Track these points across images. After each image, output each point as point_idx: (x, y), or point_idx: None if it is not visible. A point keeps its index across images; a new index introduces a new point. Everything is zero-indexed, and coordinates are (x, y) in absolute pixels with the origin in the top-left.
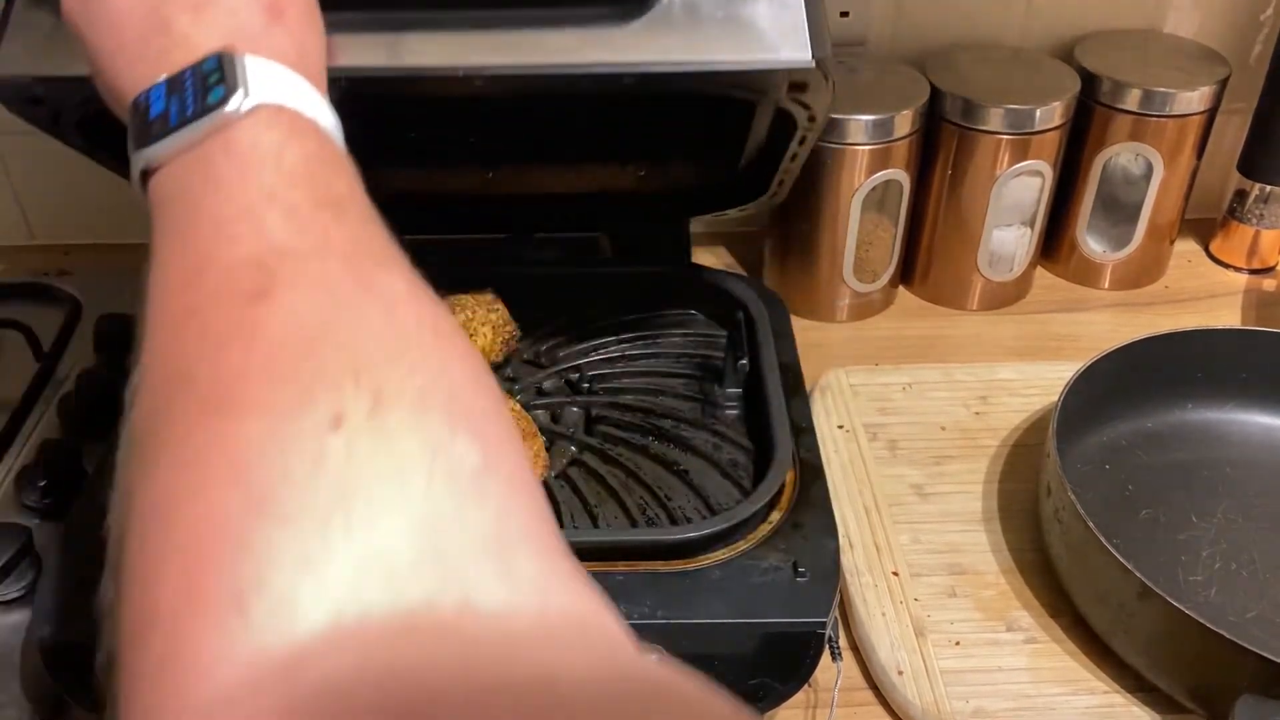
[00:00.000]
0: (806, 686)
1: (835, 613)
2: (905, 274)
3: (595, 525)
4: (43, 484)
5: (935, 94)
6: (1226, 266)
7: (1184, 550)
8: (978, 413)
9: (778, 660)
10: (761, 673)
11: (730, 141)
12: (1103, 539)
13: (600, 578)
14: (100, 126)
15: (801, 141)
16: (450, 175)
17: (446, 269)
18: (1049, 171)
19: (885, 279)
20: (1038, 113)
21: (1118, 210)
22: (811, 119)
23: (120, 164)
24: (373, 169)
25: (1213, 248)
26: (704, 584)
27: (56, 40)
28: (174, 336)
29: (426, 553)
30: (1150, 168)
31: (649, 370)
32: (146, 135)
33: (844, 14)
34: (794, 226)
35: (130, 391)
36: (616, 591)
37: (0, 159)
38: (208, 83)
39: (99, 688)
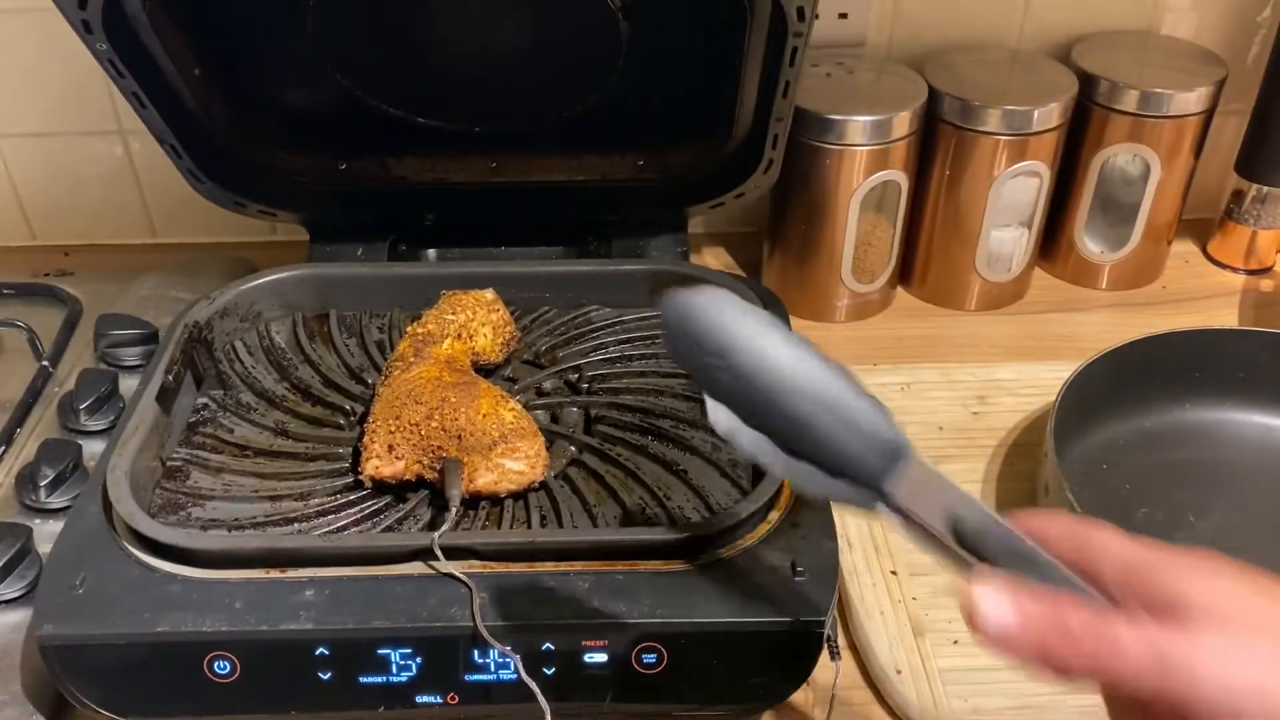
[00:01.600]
0: (805, 686)
1: (834, 612)
2: (903, 274)
3: (595, 525)
4: (43, 483)
5: (933, 95)
6: (1224, 267)
7: None
8: (976, 413)
9: (777, 660)
10: (761, 672)
11: (723, 86)
12: None
13: (600, 577)
14: (125, 29)
15: (792, 59)
16: (455, 164)
17: (447, 269)
18: (1047, 172)
19: (883, 279)
20: (1035, 114)
21: (1115, 211)
22: (801, 15)
23: (136, 83)
24: (381, 157)
25: (1210, 248)
26: (703, 584)
27: None
28: None
29: None
30: (1148, 168)
31: (648, 370)
32: None
33: (842, 15)
34: (793, 227)
35: None
36: (616, 591)
37: (1, 159)
38: None
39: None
